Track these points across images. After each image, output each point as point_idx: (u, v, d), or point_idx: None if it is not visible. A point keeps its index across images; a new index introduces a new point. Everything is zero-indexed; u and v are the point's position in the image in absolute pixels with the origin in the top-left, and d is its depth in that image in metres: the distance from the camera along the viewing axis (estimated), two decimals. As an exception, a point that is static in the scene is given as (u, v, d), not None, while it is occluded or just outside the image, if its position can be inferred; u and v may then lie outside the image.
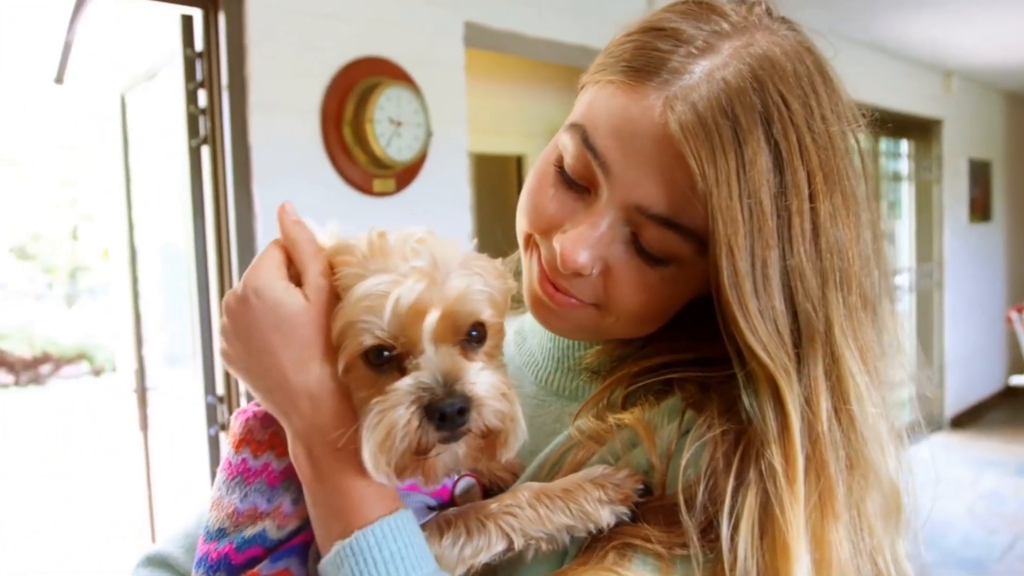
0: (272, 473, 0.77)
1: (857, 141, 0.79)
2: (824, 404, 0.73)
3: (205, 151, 2.96)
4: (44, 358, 13.66)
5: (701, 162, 0.71)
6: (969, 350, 7.97)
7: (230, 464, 0.79)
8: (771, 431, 0.72)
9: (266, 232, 2.93)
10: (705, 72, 0.73)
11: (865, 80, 6.15)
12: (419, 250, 0.72)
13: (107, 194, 3.73)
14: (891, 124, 6.57)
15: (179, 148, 3.02)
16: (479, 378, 0.70)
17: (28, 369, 13.53)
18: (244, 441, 0.79)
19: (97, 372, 13.68)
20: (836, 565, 0.72)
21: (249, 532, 0.75)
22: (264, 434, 0.79)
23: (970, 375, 8.03)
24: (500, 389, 0.72)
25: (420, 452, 0.68)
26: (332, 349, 0.72)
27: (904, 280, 7.46)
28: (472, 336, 0.74)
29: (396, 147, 3.15)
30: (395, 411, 0.67)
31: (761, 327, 0.71)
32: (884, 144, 7.28)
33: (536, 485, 0.78)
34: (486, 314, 0.74)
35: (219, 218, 2.96)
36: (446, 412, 0.67)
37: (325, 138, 3.07)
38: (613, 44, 0.81)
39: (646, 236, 0.78)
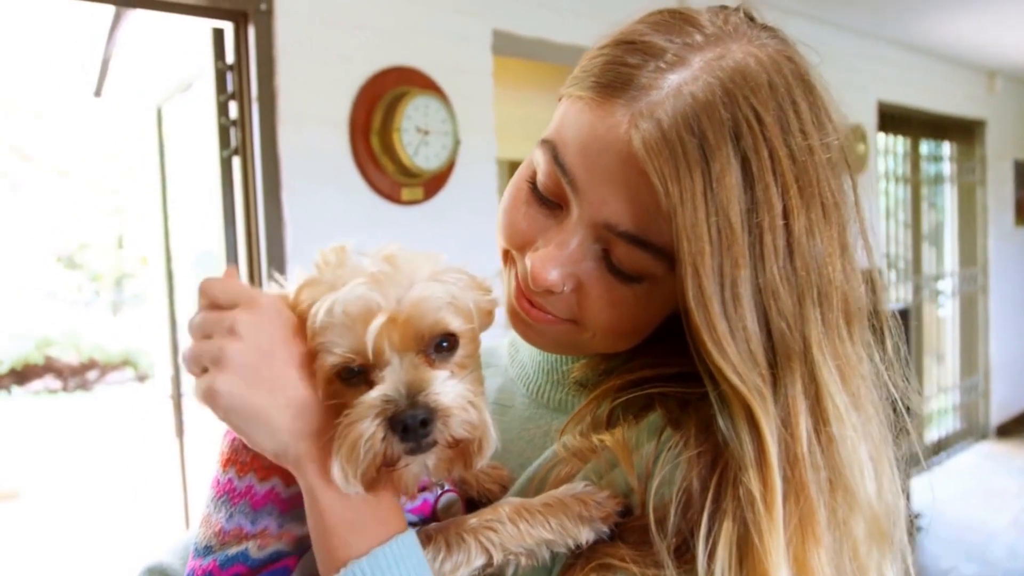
0: (255, 496, 0.76)
1: (844, 152, 0.76)
2: (803, 424, 0.71)
3: (236, 162, 3.01)
4: (91, 364, 13.98)
5: (665, 180, 0.69)
6: (1014, 356, 7.76)
7: (218, 482, 0.79)
8: (748, 456, 0.70)
9: (295, 241, 2.97)
10: (673, 87, 0.71)
11: (905, 81, 6.05)
12: (382, 264, 0.71)
13: (145, 203, 3.82)
14: (932, 126, 6.45)
15: (211, 158, 3.08)
16: (444, 388, 0.69)
17: (76, 375, 13.85)
18: (230, 461, 0.79)
19: (141, 378, 13.94)
20: None
21: (233, 551, 0.75)
22: (247, 455, 0.78)
23: (1016, 382, 7.81)
24: (467, 398, 0.70)
25: (387, 464, 0.68)
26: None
27: (947, 285, 7.31)
28: (442, 346, 0.73)
29: (424, 156, 3.17)
30: (360, 424, 0.67)
31: (731, 348, 0.69)
32: (925, 146, 7.14)
33: (516, 500, 0.77)
34: (455, 324, 0.73)
35: (249, 228, 3.00)
36: (408, 423, 0.66)
37: (353, 148, 3.10)
38: (587, 57, 0.79)
39: (617, 254, 0.77)
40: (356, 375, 0.70)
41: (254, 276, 3.01)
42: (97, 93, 3.99)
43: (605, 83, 0.74)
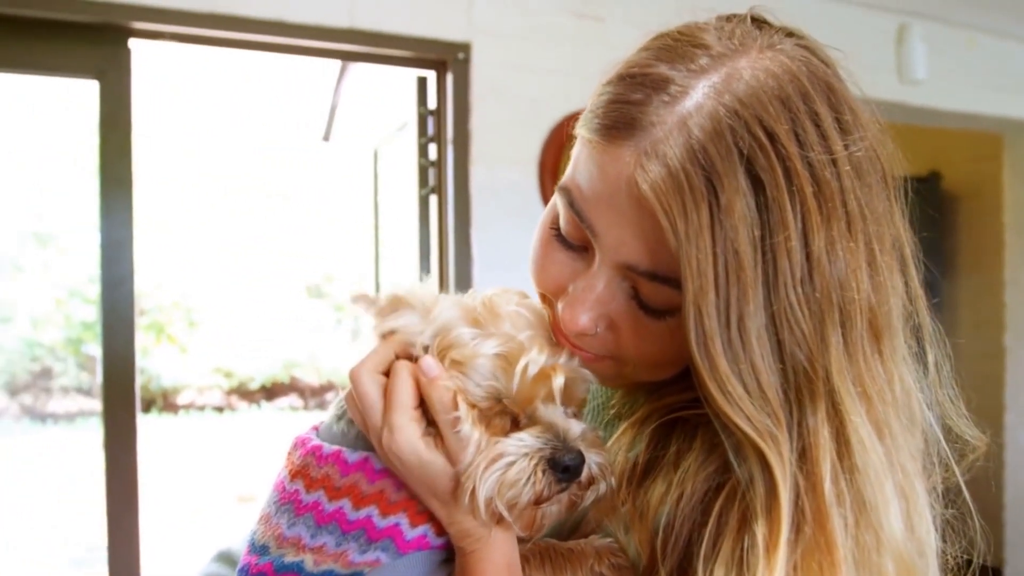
0: (321, 513, 0.78)
1: (876, 153, 0.71)
2: (826, 456, 0.67)
3: (433, 200, 3.21)
4: (329, 386, 15.25)
5: (672, 218, 0.66)
6: None
7: (284, 489, 0.81)
8: (759, 501, 0.67)
9: (481, 277, 3.10)
10: (677, 121, 0.67)
11: None
12: (522, 313, 0.79)
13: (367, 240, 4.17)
14: None
15: (412, 197, 3.31)
16: (584, 433, 0.76)
17: (315, 395, 15.16)
18: (300, 474, 0.81)
19: (370, 402, 14.96)
20: None
21: (289, 559, 0.78)
22: (319, 472, 0.80)
23: None
24: (598, 444, 0.78)
25: (539, 502, 0.73)
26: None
27: None
28: None
29: (610, 195, 3.20)
30: (521, 462, 0.72)
31: (735, 389, 0.66)
32: None
33: (550, 540, 0.81)
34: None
35: (442, 263, 3.18)
36: (569, 465, 0.73)
37: (542, 187, 3.20)
38: (594, 94, 0.77)
39: (643, 291, 0.75)
40: (499, 413, 0.76)
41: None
42: (325, 138, 4.42)
43: (610, 124, 0.71)
